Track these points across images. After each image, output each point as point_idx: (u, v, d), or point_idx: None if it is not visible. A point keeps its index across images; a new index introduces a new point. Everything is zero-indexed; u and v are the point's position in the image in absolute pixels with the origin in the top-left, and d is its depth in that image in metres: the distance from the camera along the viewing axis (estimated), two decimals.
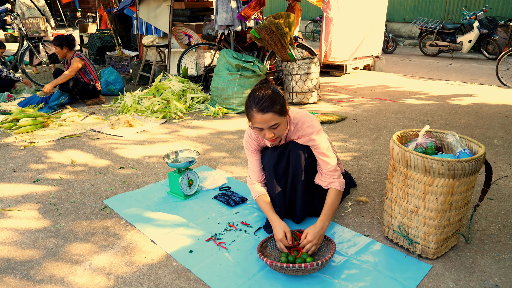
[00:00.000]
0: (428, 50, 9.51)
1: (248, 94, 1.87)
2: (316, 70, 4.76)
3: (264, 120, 1.79)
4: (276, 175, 2.06)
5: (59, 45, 4.70)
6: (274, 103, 1.78)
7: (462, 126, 3.86)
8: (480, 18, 8.49)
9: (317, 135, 1.96)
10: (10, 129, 3.93)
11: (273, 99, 1.79)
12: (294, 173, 2.03)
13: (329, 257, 1.63)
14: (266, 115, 1.78)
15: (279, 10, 14.82)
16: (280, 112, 1.81)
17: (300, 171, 2.02)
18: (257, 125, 1.82)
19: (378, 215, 2.21)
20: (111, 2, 8.58)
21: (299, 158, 2.00)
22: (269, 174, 2.08)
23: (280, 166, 2.05)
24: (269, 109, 1.77)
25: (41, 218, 2.25)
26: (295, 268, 1.58)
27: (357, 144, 3.39)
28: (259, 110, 1.78)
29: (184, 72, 5.43)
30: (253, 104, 1.80)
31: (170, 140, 3.62)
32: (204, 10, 6.23)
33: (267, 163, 2.08)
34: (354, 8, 6.41)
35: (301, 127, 1.98)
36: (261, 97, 1.79)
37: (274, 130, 1.84)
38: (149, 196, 2.48)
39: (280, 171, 2.06)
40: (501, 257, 1.80)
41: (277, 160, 2.04)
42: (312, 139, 1.96)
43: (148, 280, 1.69)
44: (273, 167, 2.05)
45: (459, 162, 1.56)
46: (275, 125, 1.82)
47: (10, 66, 6.99)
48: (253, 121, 1.83)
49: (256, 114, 1.79)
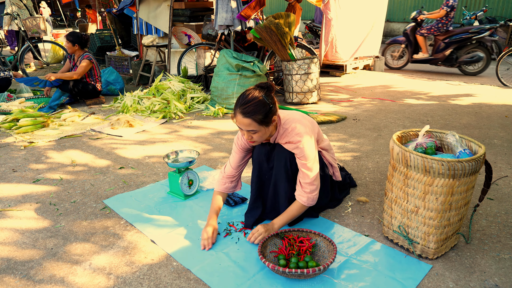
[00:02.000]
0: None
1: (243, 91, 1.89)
2: (316, 70, 4.76)
3: (243, 123, 1.81)
4: (259, 171, 2.08)
5: (72, 41, 4.71)
6: (257, 112, 1.78)
7: (462, 126, 3.86)
8: (480, 18, 8.48)
9: (304, 144, 1.90)
10: (10, 129, 3.93)
11: (258, 107, 1.78)
12: (276, 177, 2.03)
13: (330, 261, 1.63)
14: (245, 119, 1.79)
15: (279, 10, 14.82)
16: (260, 121, 1.80)
17: (282, 177, 2.00)
18: (237, 124, 1.86)
19: (378, 215, 2.21)
20: (111, 2, 8.59)
21: (281, 163, 1.99)
22: (254, 167, 2.11)
23: (264, 164, 2.06)
24: (250, 115, 1.78)
25: (41, 218, 2.25)
26: (297, 273, 1.58)
27: (357, 144, 3.39)
28: (241, 112, 1.80)
29: (184, 72, 5.43)
30: (239, 104, 1.82)
31: (170, 140, 3.62)
32: (204, 10, 6.23)
33: (254, 158, 2.10)
34: (354, 8, 6.41)
35: (290, 133, 1.94)
36: (247, 100, 1.80)
37: (252, 135, 1.86)
38: (149, 196, 2.48)
39: (264, 168, 2.07)
40: (501, 257, 1.80)
41: (264, 158, 2.06)
42: (297, 147, 1.91)
43: (148, 280, 1.69)
44: (259, 163, 2.08)
45: (459, 162, 1.56)
46: (252, 131, 1.83)
47: (10, 66, 6.99)
48: (235, 119, 1.86)
49: (238, 115, 1.82)
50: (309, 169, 1.92)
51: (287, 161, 1.97)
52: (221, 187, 2.14)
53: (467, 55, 6.71)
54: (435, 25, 6.78)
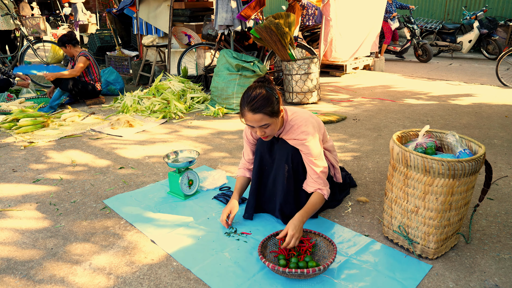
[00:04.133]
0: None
1: (245, 90, 1.88)
2: (316, 70, 4.76)
3: (254, 119, 1.80)
4: (260, 161, 2.11)
5: (62, 44, 4.74)
6: (266, 104, 1.79)
7: (462, 126, 3.86)
8: (480, 18, 8.49)
9: (309, 142, 1.93)
10: (10, 129, 3.93)
11: (265, 100, 1.79)
12: (277, 170, 2.05)
13: (330, 261, 1.63)
14: (256, 115, 1.79)
15: (279, 10, 14.80)
16: (271, 113, 1.81)
17: (282, 171, 2.02)
18: (248, 123, 1.85)
19: (378, 215, 2.21)
20: (111, 2, 8.59)
21: (283, 158, 2.00)
22: (255, 159, 2.13)
23: (266, 156, 2.08)
24: (260, 109, 1.78)
25: (41, 218, 2.24)
26: (297, 273, 1.58)
27: (357, 144, 3.39)
28: (250, 110, 1.79)
29: (184, 72, 5.43)
30: (246, 102, 1.81)
31: (170, 140, 3.62)
32: (204, 10, 6.23)
33: (257, 148, 2.12)
34: (354, 8, 6.41)
35: (295, 131, 1.96)
36: (253, 97, 1.79)
37: (265, 129, 1.86)
38: (149, 196, 2.48)
39: (265, 159, 2.09)
40: (501, 257, 1.80)
41: (266, 149, 2.08)
42: (303, 145, 1.94)
43: (148, 280, 1.69)
44: (260, 153, 2.10)
45: (459, 162, 1.56)
46: (265, 125, 1.83)
47: (10, 66, 6.99)
48: (244, 118, 1.85)
49: (247, 113, 1.80)
50: (317, 165, 1.96)
51: (289, 156, 1.99)
52: (244, 173, 2.24)
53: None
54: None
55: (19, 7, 8.23)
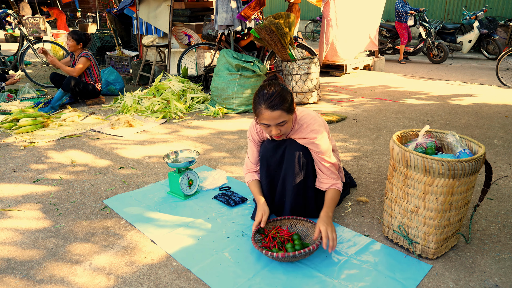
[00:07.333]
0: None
1: (257, 89, 1.88)
2: (316, 70, 4.77)
3: (272, 117, 1.80)
4: (268, 167, 2.08)
5: (77, 40, 4.76)
6: (283, 101, 1.79)
7: (462, 126, 3.86)
8: (480, 18, 8.49)
9: (319, 140, 1.95)
10: (10, 129, 3.93)
11: (282, 97, 1.80)
12: (286, 171, 2.03)
13: (317, 244, 1.73)
14: (274, 112, 1.79)
15: (279, 10, 14.82)
16: (288, 110, 1.82)
17: (291, 171, 2.01)
18: (265, 121, 1.83)
19: (378, 215, 2.21)
20: (111, 2, 8.59)
21: (293, 157, 2.00)
22: (262, 164, 2.11)
23: (273, 159, 2.06)
24: (278, 106, 1.78)
25: (41, 218, 2.25)
26: (305, 252, 1.68)
27: (357, 144, 3.39)
28: (268, 107, 1.78)
29: (184, 72, 5.43)
30: (262, 100, 1.80)
31: (170, 140, 3.62)
32: (204, 10, 6.23)
33: (262, 154, 2.10)
34: (353, 8, 6.41)
35: (304, 129, 1.98)
36: (270, 94, 1.79)
37: (281, 127, 1.86)
38: (149, 196, 2.48)
39: (272, 164, 2.07)
40: (501, 257, 1.80)
41: (271, 153, 2.05)
42: (313, 143, 1.97)
43: (148, 280, 1.70)
44: (266, 159, 2.07)
45: (459, 162, 1.56)
46: (282, 122, 1.83)
47: (10, 66, 6.99)
48: (261, 117, 1.83)
49: (265, 111, 1.80)
50: (328, 162, 1.99)
51: (300, 155, 1.99)
52: (255, 176, 2.18)
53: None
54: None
55: (19, 7, 8.22)
